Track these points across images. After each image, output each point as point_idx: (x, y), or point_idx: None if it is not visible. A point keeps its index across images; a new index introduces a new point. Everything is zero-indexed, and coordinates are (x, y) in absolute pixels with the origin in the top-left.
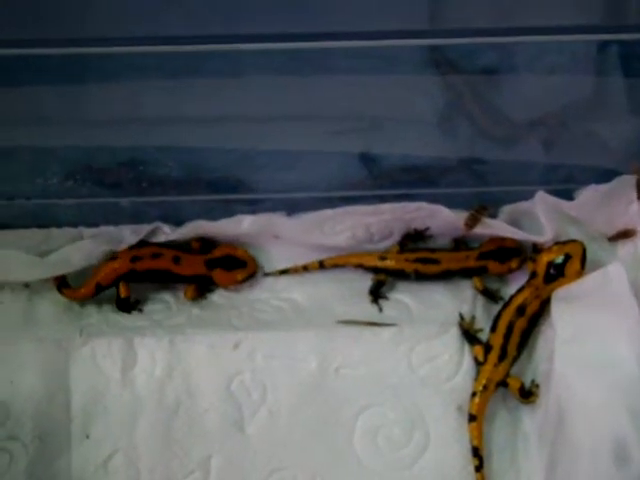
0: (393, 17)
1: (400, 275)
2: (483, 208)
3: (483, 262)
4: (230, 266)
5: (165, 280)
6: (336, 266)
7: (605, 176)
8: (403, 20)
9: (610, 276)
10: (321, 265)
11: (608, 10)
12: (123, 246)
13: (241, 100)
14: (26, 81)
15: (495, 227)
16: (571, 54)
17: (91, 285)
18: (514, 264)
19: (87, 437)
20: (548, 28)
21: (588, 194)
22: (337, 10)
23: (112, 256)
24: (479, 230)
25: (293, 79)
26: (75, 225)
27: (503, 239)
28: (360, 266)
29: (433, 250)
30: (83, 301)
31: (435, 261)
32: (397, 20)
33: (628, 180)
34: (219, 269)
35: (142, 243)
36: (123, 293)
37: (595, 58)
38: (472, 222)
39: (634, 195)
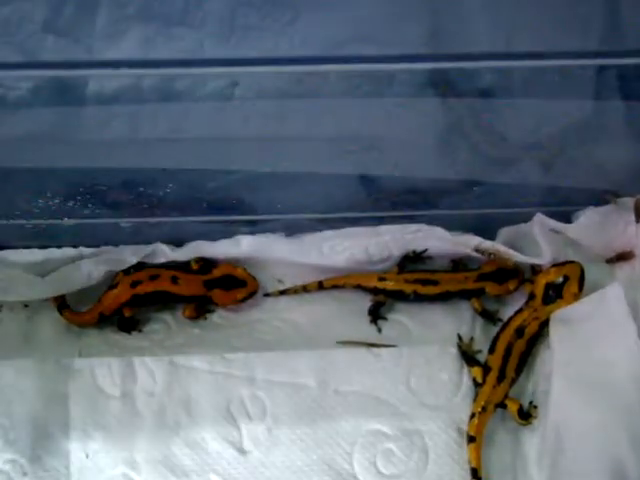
0: (392, 40)
1: (399, 296)
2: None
3: (481, 283)
4: (229, 286)
5: (165, 301)
6: (335, 286)
7: (603, 199)
8: (402, 44)
9: (608, 298)
10: (320, 285)
11: (606, 35)
12: (123, 266)
13: (240, 122)
14: (26, 102)
15: (494, 249)
16: (570, 77)
17: (94, 314)
18: (512, 285)
19: (86, 457)
20: (547, 53)
21: (586, 216)
22: (336, 34)
23: (112, 284)
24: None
25: (292, 101)
26: (75, 245)
27: (501, 261)
28: (359, 287)
29: (432, 271)
30: (84, 327)
31: (434, 282)
32: (396, 44)
33: (626, 203)
34: (218, 289)
35: (139, 266)
36: (127, 313)
37: (593, 81)
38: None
39: (632, 217)
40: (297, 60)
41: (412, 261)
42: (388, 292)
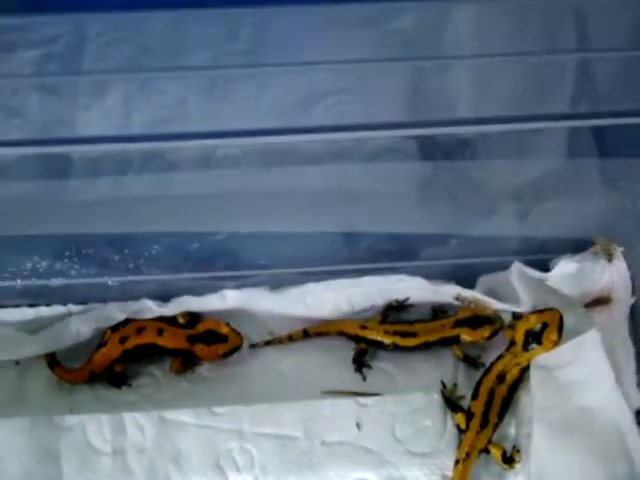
0: (370, 108)
1: (379, 346)
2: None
3: (457, 330)
4: (211, 341)
5: (152, 354)
6: (320, 334)
7: (579, 246)
8: (379, 99)
9: (586, 344)
10: (305, 334)
11: (579, 98)
12: (111, 323)
13: (221, 182)
14: (11, 168)
15: (474, 298)
16: (544, 135)
17: (85, 372)
18: (486, 332)
19: None
20: (522, 117)
21: (563, 264)
22: (315, 89)
23: (100, 342)
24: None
25: (271, 162)
26: (64, 303)
27: (478, 308)
28: (342, 333)
29: (411, 322)
30: (75, 384)
31: (413, 334)
32: (373, 99)
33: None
34: (200, 344)
35: (126, 321)
36: (117, 368)
37: (567, 139)
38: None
39: (607, 263)
40: (275, 131)
41: (395, 310)
42: (368, 341)
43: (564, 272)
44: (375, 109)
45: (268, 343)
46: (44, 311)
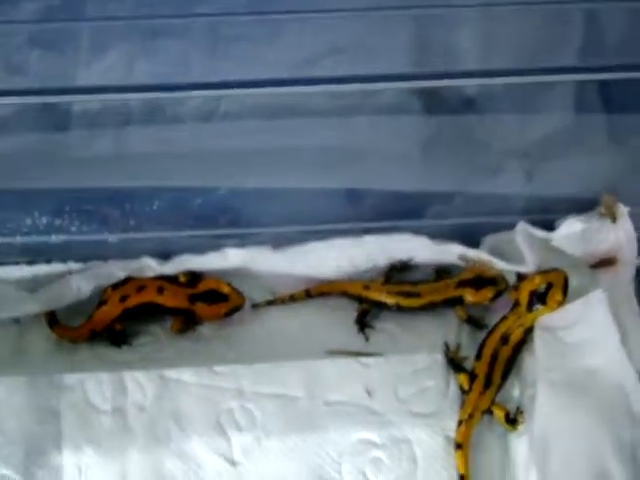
0: (376, 58)
1: (382, 306)
2: None
3: (460, 290)
4: (212, 300)
5: (153, 312)
6: (322, 294)
7: (585, 206)
8: (384, 57)
9: (591, 304)
10: (308, 294)
11: (587, 51)
12: (112, 281)
13: (224, 138)
14: (12, 122)
15: (478, 257)
16: (551, 90)
17: (85, 330)
18: (489, 293)
19: (79, 472)
20: (529, 70)
21: (569, 224)
22: (319, 47)
23: (101, 300)
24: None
25: (274, 117)
26: (64, 261)
27: (481, 268)
28: (345, 294)
29: (415, 283)
30: (76, 343)
31: (416, 294)
32: (380, 62)
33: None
34: (201, 303)
35: (126, 279)
36: (118, 327)
37: (574, 94)
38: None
39: (613, 224)
40: (280, 82)
41: (398, 270)
42: (371, 301)
43: (569, 232)
44: (380, 65)
45: (270, 303)
46: (44, 269)
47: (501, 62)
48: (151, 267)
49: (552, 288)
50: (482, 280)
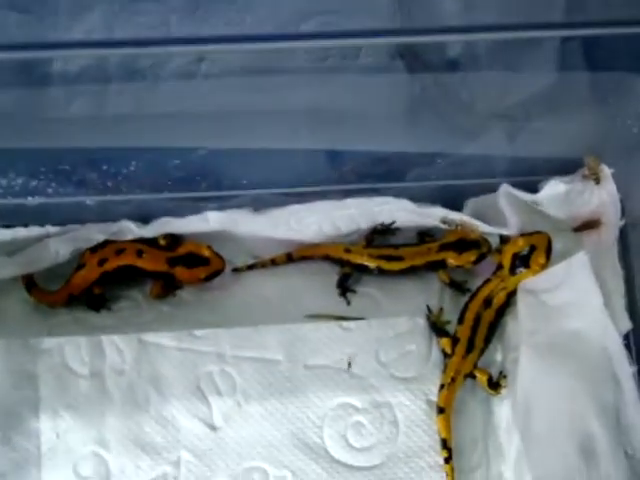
0: (358, 14)
1: (364, 270)
2: None
3: (443, 254)
4: (192, 264)
5: (132, 276)
6: (304, 258)
7: (569, 168)
8: (368, 17)
9: (574, 267)
10: (289, 257)
11: (570, 6)
12: (90, 244)
13: (205, 98)
14: None
15: (461, 220)
16: (535, 48)
17: (63, 294)
18: (472, 256)
19: (57, 436)
20: (511, 25)
21: (551, 186)
22: (300, 9)
23: (79, 264)
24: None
25: (258, 76)
26: (42, 224)
27: (464, 231)
28: (327, 257)
29: (397, 247)
30: (53, 307)
31: (398, 258)
32: (362, 17)
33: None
34: (181, 266)
35: (104, 243)
36: (96, 291)
37: (558, 52)
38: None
39: (596, 186)
40: (263, 37)
41: (380, 234)
42: (353, 265)
43: (552, 194)
44: (363, 22)
45: (251, 267)
46: (21, 232)
47: (484, 18)
48: (130, 230)
49: (535, 251)
50: (465, 243)
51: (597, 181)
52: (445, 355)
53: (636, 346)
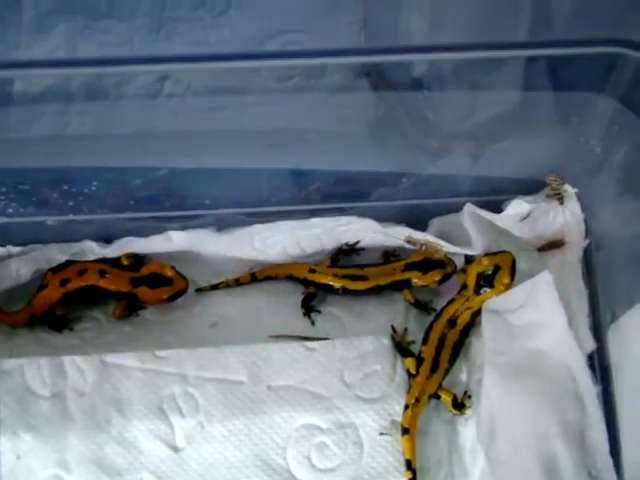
0: (323, 33)
1: (328, 290)
2: None
3: (408, 274)
4: (155, 284)
5: (95, 296)
6: (268, 278)
7: (533, 187)
8: (333, 36)
9: (538, 286)
10: (253, 277)
11: (535, 26)
12: (52, 265)
13: (168, 118)
14: None
15: (425, 240)
16: (499, 68)
17: (25, 315)
18: (437, 276)
19: (17, 458)
20: (477, 44)
21: (515, 205)
22: (267, 26)
23: (41, 284)
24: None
25: (220, 97)
26: (3, 244)
27: (429, 251)
28: (291, 277)
29: (362, 266)
30: (15, 327)
31: (363, 278)
32: (327, 36)
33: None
34: (144, 287)
35: (67, 263)
36: (59, 312)
37: (522, 72)
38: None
39: (560, 205)
40: (228, 56)
41: (345, 254)
42: (317, 285)
43: (516, 213)
44: (327, 42)
45: (214, 287)
46: None
47: (449, 37)
48: (92, 250)
49: (499, 271)
50: (429, 263)
51: (561, 201)
52: (410, 375)
53: (600, 366)
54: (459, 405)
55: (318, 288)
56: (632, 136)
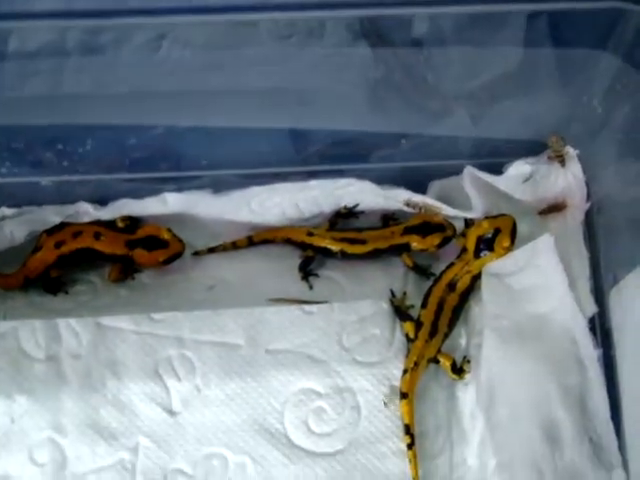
0: None
1: (327, 253)
2: None
3: (407, 237)
4: (151, 247)
5: (90, 259)
6: (265, 241)
7: (534, 149)
8: None
9: (539, 250)
10: (250, 241)
11: None
12: (46, 226)
13: (164, 76)
14: None
15: (424, 203)
16: (500, 25)
17: (19, 277)
18: (437, 240)
19: (12, 421)
20: None
21: (516, 168)
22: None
23: (36, 247)
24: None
25: (220, 53)
26: None
27: (428, 214)
28: (288, 241)
29: (360, 230)
30: (9, 290)
31: (362, 241)
32: None
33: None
34: (140, 249)
35: (62, 225)
36: (53, 274)
37: (523, 29)
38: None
39: (561, 168)
40: (227, 8)
41: (344, 217)
42: (316, 248)
43: (517, 175)
44: None
45: (211, 250)
46: None
47: None
48: (87, 212)
49: (500, 234)
50: (429, 226)
51: (562, 163)
52: (408, 339)
53: (601, 330)
54: (458, 370)
55: (316, 252)
56: (635, 95)
